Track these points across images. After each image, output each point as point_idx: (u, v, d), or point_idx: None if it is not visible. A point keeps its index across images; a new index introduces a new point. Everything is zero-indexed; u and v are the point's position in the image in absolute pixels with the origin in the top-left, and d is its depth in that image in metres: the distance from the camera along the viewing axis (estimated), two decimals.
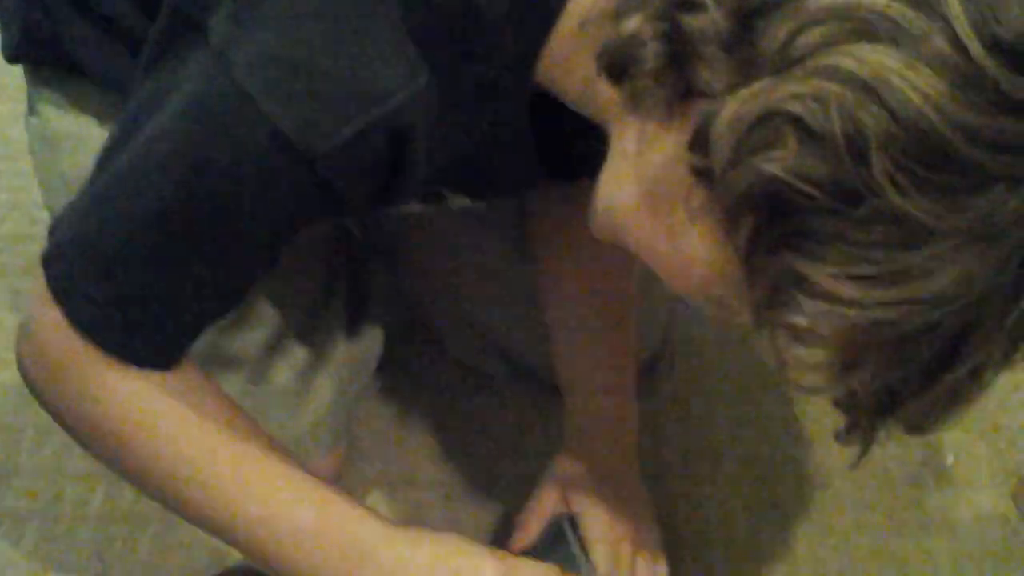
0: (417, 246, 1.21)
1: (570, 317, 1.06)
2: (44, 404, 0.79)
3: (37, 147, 1.02)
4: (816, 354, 0.59)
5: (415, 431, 1.26)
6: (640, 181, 0.63)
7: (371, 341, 1.12)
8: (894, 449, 1.25)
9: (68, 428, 0.79)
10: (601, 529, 0.94)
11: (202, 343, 0.79)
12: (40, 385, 0.78)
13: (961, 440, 1.26)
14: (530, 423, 1.26)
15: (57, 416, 0.79)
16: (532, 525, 0.94)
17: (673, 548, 1.00)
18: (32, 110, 1.01)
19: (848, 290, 0.54)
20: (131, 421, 0.76)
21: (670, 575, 0.99)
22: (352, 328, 1.10)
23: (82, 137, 0.96)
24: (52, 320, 0.73)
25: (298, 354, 1.03)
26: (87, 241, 0.72)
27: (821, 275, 0.54)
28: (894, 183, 0.51)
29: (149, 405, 0.76)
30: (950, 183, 0.51)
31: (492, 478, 1.21)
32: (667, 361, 1.22)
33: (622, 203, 0.65)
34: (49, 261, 0.74)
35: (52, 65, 0.97)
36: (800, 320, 0.57)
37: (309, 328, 1.05)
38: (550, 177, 0.82)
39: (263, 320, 1.00)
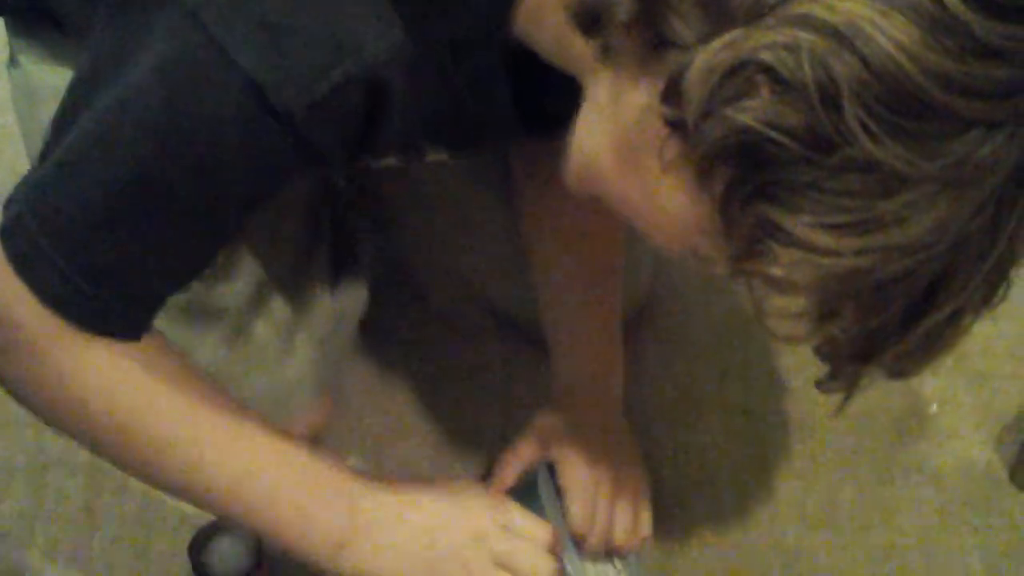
0: (403, 200, 1.21)
1: (556, 272, 1.06)
2: (3, 376, 0.77)
3: (18, 99, 1.01)
4: (793, 303, 0.59)
5: (402, 385, 1.26)
6: (614, 133, 0.62)
7: (355, 295, 1.12)
8: (878, 398, 1.25)
9: (27, 401, 0.78)
10: (577, 476, 0.94)
11: (184, 294, 0.79)
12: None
13: (945, 388, 1.27)
14: (516, 375, 1.26)
15: (16, 390, 0.77)
16: (508, 472, 0.95)
17: (656, 497, 1.01)
18: (13, 61, 1.00)
19: (823, 239, 0.54)
20: (100, 393, 0.75)
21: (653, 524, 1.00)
22: (336, 282, 1.10)
23: (62, 89, 0.95)
24: (11, 293, 0.71)
25: (280, 308, 1.03)
26: (53, 210, 0.70)
27: (796, 224, 0.54)
28: (867, 131, 0.51)
29: (119, 376, 0.75)
30: (923, 130, 0.51)
31: (479, 430, 1.22)
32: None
33: (596, 155, 0.64)
34: (9, 233, 0.71)
35: (32, 17, 0.96)
36: (776, 270, 0.56)
37: (292, 282, 1.05)
38: (531, 132, 0.82)
39: (246, 272, 1.00)
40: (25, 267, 0.71)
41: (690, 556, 1.14)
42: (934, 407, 1.26)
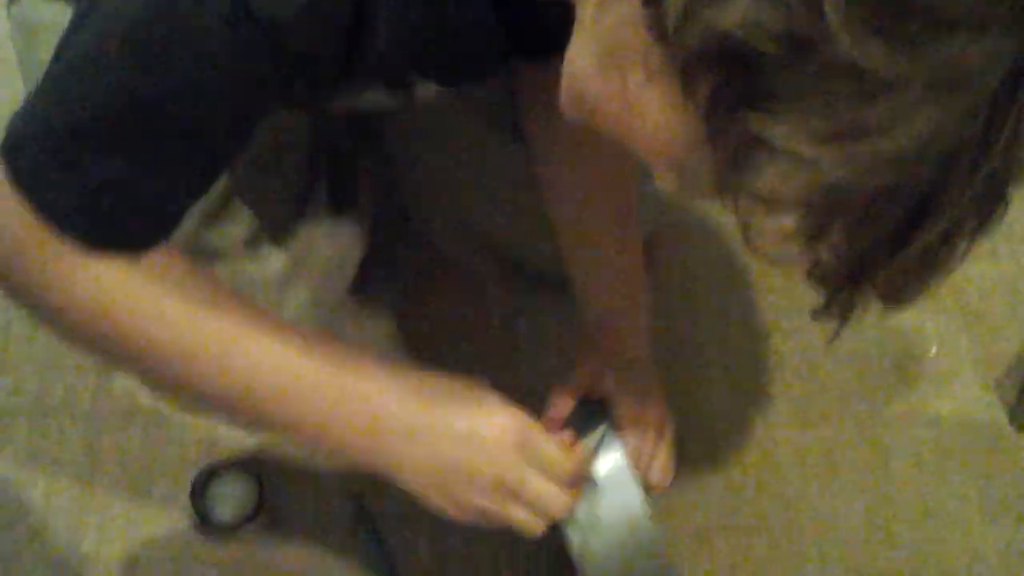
0: (406, 142, 1.20)
1: (577, 210, 1.05)
2: (11, 292, 0.78)
3: (18, 36, 1.01)
4: (781, 220, 0.58)
5: (401, 331, 1.26)
6: (598, 45, 0.62)
7: (353, 240, 1.11)
8: (877, 339, 1.25)
9: (37, 312, 0.79)
10: (631, 415, 0.95)
11: (181, 236, 0.79)
12: (5, 276, 0.76)
13: (944, 330, 1.27)
14: (519, 322, 1.27)
15: (25, 303, 0.78)
16: (567, 399, 0.95)
17: None
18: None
19: (807, 149, 0.53)
20: (105, 303, 0.75)
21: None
22: (334, 226, 1.09)
23: (60, 25, 0.94)
24: (14, 211, 0.72)
25: (276, 252, 1.03)
26: (52, 127, 0.71)
27: (779, 133, 0.53)
28: (849, 32, 0.50)
29: (120, 286, 0.75)
30: (908, 30, 0.50)
31: (480, 376, 1.22)
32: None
33: (582, 70, 0.63)
34: (10, 152, 0.72)
35: None
36: (762, 183, 0.56)
37: (289, 225, 1.05)
38: (529, 62, 0.81)
39: (243, 215, 1.00)
40: (29, 185, 0.71)
41: (688, 499, 1.14)
42: (933, 349, 1.26)
